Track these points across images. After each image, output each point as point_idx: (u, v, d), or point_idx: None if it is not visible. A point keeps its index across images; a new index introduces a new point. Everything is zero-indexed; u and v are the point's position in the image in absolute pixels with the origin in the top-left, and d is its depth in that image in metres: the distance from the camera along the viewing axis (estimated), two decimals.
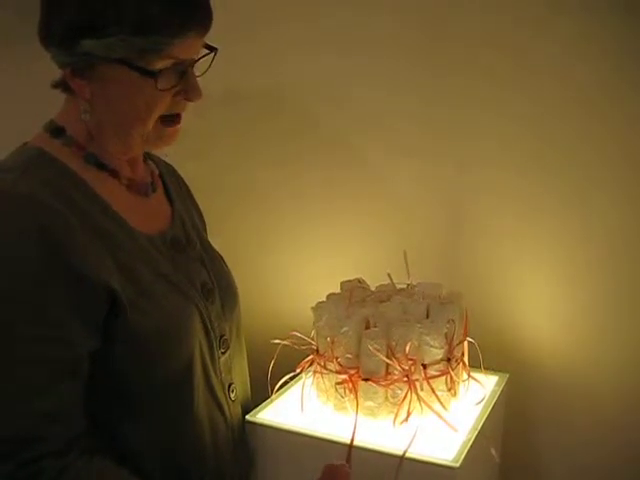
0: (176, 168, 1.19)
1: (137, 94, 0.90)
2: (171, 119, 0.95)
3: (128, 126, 0.93)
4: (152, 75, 0.88)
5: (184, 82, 0.93)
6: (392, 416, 1.03)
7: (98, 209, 0.92)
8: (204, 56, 0.96)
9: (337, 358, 1.07)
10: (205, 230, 1.19)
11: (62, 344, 0.85)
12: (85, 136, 0.95)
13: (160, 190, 1.10)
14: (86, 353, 0.88)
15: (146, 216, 1.01)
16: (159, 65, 0.89)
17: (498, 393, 1.15)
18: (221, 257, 1.15)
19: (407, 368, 1.02)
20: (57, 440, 0.85)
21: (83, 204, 0.90)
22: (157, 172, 1.11)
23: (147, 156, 1.11)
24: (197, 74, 0.96)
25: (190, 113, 0.99)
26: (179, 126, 0.97)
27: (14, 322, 0.83)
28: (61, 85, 0.94)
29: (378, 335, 1.03)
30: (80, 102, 0.93)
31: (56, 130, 0.96)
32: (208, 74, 0.97)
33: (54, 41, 0.89)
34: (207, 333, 1.00)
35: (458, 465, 0.93)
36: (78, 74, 0.90)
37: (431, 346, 1.04)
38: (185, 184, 1.20)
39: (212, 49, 0.97)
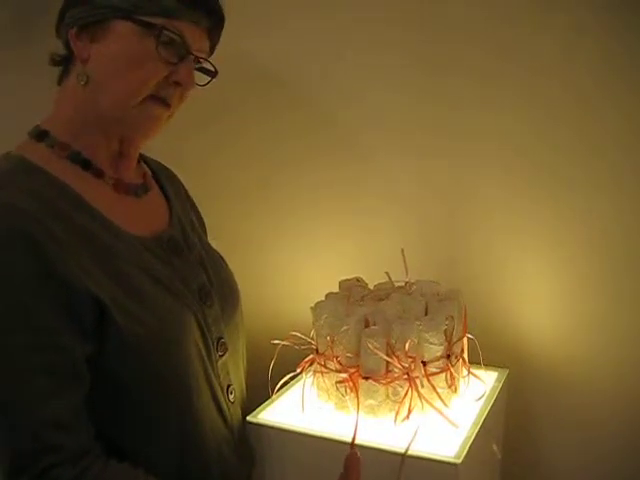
0: (177, 169, 1.20)
1: (135, 51, 0.93)
2: (161, 101, 0.96)
3: (118, 84, 0.94)
4: (154, 28, 0.92)
5: (181, 66, 0.95)
6: (393, 414, 1.03)
7: (83, 214, 0.92)
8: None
9: (337, 357, 1.07)
10: (205, 233, 1.19)
11: (59, 350, 0.85)
12: (69, 131, 0.96)
13: (156, 192, 1.10)
14: (83, 358, 0.87)
15: (138, 218, 1.01)
16: (168, 33, 0.93)
17: (498, 389, 1.15)
18: (222, 258, 1.14)
19: (407, 366, 1.02)
20: (69, 447, 0.84)
21: (67, 210, 0.90)
22: (150, 174, 1.11)
23: (141, 157, 1.11)
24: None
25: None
26: (166, 112, 0.98)
27: (10, 332, 0.83)
28: (62, 59, 0.98)
29: (378, 333, 1.04)
30: (75, 74, 0.96)
31: (40, 134, 0.96)
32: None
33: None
34: (204, 336, 1.00)
35: (460, 461, 0.93)
36: (84, 32, 0.94)
37: (431, 343, 1.05)
38: (183, 186, 1.20)
39: (210, 73, 1.02)
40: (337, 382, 1.07)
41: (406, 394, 1.03)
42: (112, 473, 0.87)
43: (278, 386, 1.14)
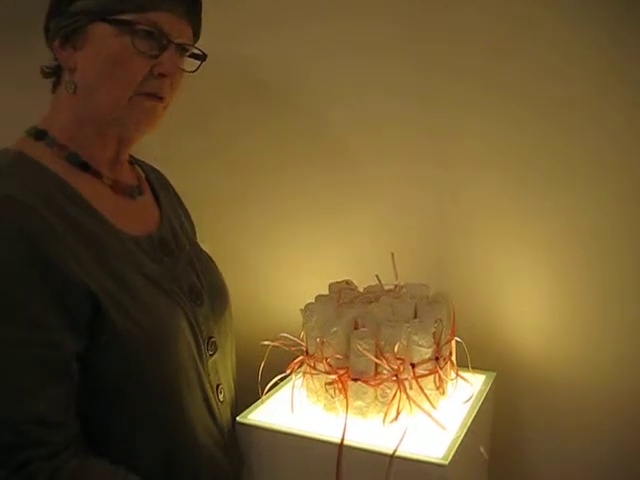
0: (167, 174, 1.20)
1: (115, 50, 0.93)
2: (152, 95, 0.97)
3: (105, 86, 0.95)
4: (127, 24, 0.93)
5: (163, 56, 0.96)
6: (382, 415, 1.04)
7: (81, 210, 0.92)
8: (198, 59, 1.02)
9: (326, 359, 1.07)
10: (195, 234, 1.20)
11: (48, 346, 0.85)
12: (67, 135, 0.97)
13: (147, 194, 1.10)
14: (73, 355, 0.87)
15: (132, 218, 1.02)
16: (141, 27, 0.94)
17: (486, 391, 1.16)
18: (212, 259, 1.15)
19: (396, 367, 1.03)
20: (50, 443, 0.84)
21: (65, 205, 0.90)
22: (143, 176, 1.12)
23: (134, 160, 1.11)
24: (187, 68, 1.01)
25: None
26: (160, 105, 0.99)
27: (1, 325, 0.83)
28: (53, 71, 0.99)
29: (367, 335, 1.04)
30: (64, 83, 0.97)
31: (38, 133, 0.97)
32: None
33: (55, 11, 0.96)
34: (195, 335, 1.01)
35: (448, 462, 0.94)
36: (66, 42, 0.95)
37: (419, 345, 1.05)
38: (173, 189, 1.20)
39: (200, 57, 1.02)
40: (326, 383, 1.07)
41: (395, 396, 1.03)
42: (90, 469, 0.87)
43: (268, 387, 1.14)
